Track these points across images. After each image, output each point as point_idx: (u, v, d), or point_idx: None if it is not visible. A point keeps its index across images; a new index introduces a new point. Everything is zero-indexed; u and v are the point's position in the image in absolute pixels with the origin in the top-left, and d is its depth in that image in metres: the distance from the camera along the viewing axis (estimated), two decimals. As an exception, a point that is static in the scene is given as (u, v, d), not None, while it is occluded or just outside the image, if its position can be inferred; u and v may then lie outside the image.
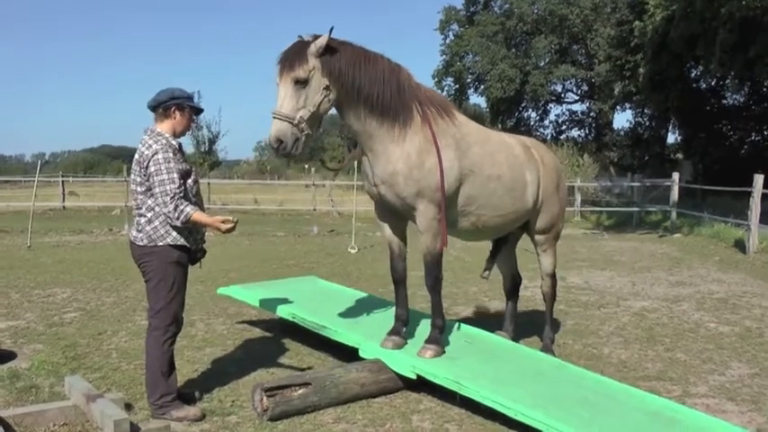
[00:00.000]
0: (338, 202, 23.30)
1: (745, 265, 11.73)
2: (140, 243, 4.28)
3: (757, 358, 6.03)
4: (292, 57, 4.44)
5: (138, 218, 4.32)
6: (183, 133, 4.46)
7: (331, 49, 4.50)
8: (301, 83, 4.42)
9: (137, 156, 4.30)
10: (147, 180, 4.22)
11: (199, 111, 4.63)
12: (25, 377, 5.08)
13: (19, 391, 4.77)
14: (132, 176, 4.34)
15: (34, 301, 7.99)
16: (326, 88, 4.49)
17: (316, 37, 4.49)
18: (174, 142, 4.34)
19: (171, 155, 4.22)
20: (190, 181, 4.35)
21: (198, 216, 4.26)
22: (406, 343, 5.09)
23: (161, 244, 4.25)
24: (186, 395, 4.54)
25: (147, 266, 4.30)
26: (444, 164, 4.74)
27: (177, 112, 4.34)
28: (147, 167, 4.20)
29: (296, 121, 4.40)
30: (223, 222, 4.31)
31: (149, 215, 4.25)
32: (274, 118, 4.41)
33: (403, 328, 5.18)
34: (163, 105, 4.31)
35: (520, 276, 6.22)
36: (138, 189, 4.28)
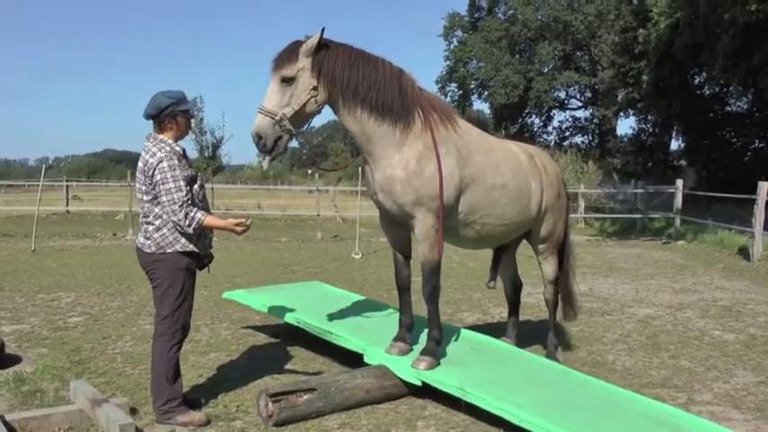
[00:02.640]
0: (342, 207, 23.32)
1: (749, 272, 11.70)
2: (148, 250, 4.27)
3: (762, 366, 6.02)
4: (283, 55, 4.49)
5: (145, 225, 4.30)
6: (182, 137, 4.44)
7: (325, 49, 4.52)
8: (288, 81, 4.46)
9: (140, 164, 4.27)
10: (153, 188, 4.20)
11: (190, 111, 4.51)
12: (30, 381, 5.09)
13: (24, 396, 4.77)
14: (137, 185, 4.31)
15: (38, 305, 8.01)
16: (314, 89, 4.50)
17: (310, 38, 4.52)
18: (177, 148, 4.32)
19: (176, 162, 4.21)
20: (196, 186, 4.34)
21: (210, 221, 4.26)
22: (412, 349, 5.09)
23: (170, 251, 4.24)
24: (191, 400, 4.54)
25: (155, 273, 4.29)
26: (444, 172, 4.67)
27: (171, 123, 4.30)
28: (152, 176, 4.18)
29: (278, 118, 4.43)
30: (237, 225, 4.32)
31: (157, 223, 4.24)
32: (259, 112, 4.47)
33: (408, 335, 5.17)
34: (155, 120, 4.30)
35: (521, 282, 6.22)
36: (145, 198, 4.27)
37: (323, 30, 4.49)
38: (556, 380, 4.89)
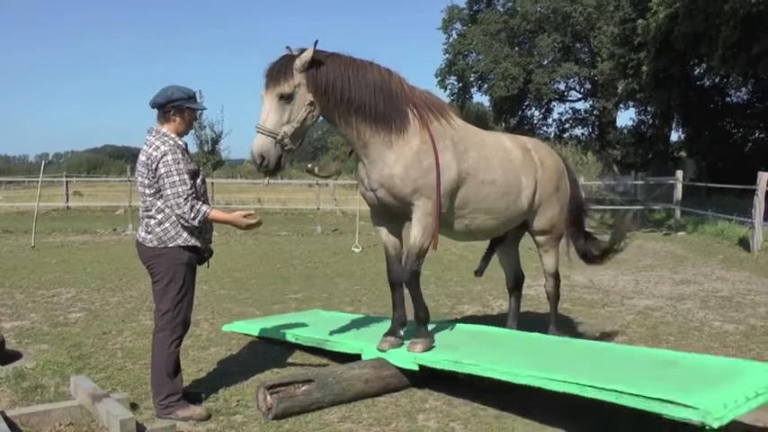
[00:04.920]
0: (341, 201, 23.32)
1: (749, 263, 11.70)
2: (150, 244, 4.26)
3: (762, 356, 6.01)
4: (278, 71, 4.42)
5: (146, 219, 4.29)
6: (185, 133, 4.43)
7: (317, 62, 4.48)
8: (286, 98, 4.40)
9: (143, 157, 4.25)
10: (157, 182, 4.19)
11: (197, 110, 4.57)
12: (31, 377, 5.09)
13: (24, 391, 4.78)
14: (139, 179, 4.29)
15: (39, 301, 8.01)
16: (311, 104, 4.48)
17: (302, 51, 4.47)
18: (180, 142, 4.31)
19: (180, 156, 4.20)
20: (198, 181, 4.35)
21: (215, 214, 4.25)
22: (403, 343, 5.08)
23: (171, 245, 4.24)
24: (191, 395, 4.55)
25: (156, 268, 4.28)
26: (442, 164, 4.71)
27: (176, 116, 4.30)
28: (156, 169, 4.16)
29: (279, 137, 4.39)
30: (246, 216, 4.32)
31: (159, 217, 4.23)
32: (258, 132, 4.40)
33: (400, 330, 5.16)
34: (161, 109, 4.29)
35: (523, 274, 6.22)
36: (147, 191, 4.25)
37: (316, 43, 4.46)
38: (554, 346, 5.05)
